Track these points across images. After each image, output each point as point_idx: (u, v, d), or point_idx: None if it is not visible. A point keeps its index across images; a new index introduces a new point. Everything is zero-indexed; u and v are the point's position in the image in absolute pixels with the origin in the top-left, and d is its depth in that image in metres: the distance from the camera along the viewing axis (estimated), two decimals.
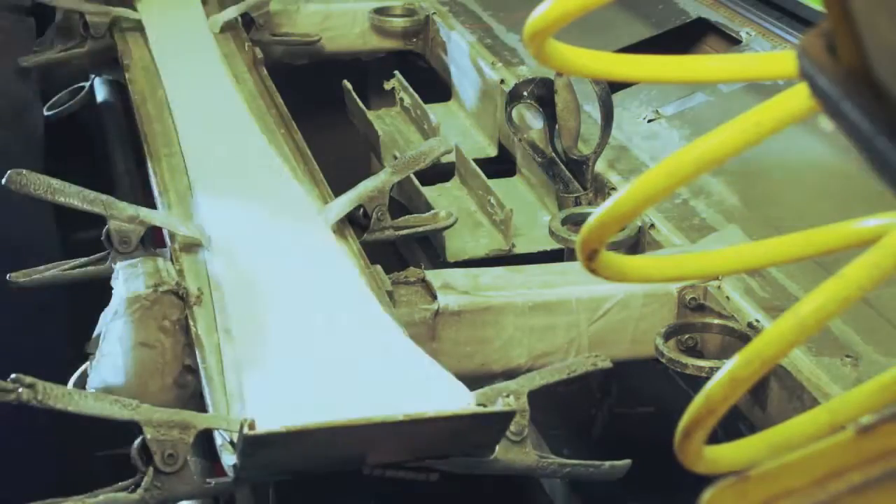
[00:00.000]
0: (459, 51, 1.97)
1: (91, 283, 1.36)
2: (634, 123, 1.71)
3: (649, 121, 1.71)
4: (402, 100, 1.95)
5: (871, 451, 0.55)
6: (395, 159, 1.56)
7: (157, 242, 1.39)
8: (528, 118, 1.63)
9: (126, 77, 1.80)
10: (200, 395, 1.17)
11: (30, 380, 1.02)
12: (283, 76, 1.86)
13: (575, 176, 1.56)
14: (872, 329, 1.23)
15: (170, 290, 1.24)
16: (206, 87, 1.77)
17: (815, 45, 0.49)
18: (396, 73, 1.98)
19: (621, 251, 1.46)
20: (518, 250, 1.58)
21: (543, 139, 1.58)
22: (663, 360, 1.26)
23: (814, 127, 1.52)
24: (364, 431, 1.02)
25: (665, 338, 1.28)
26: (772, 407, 1.19)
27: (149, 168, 1.55)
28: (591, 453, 1.16)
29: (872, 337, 1.22)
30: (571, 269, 1.40)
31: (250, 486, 1.30)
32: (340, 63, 2.12)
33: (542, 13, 0.56)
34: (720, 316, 1.30)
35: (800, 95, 0.54)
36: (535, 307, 1.32)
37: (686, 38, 1.93)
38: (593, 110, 1.64)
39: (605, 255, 0.59)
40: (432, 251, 1.65)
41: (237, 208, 1.44)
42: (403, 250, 1.84)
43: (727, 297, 1.30)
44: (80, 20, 1.94)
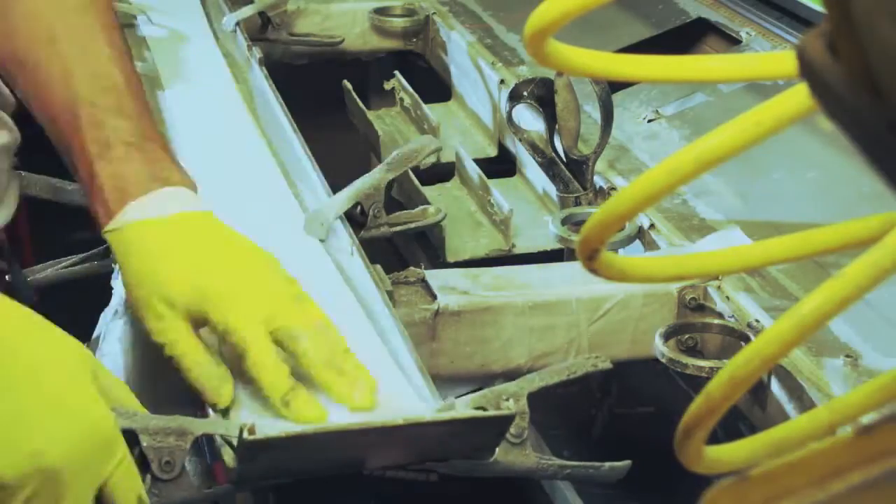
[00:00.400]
0: (459, 51, 1.97)
1: (91, 284, 1.36)
2: (634, 123, 1.71)
3: (649, 121, 1.71)
4: (402, 100, 1.95)
5: (871, 451, 0.55)
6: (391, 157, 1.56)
7: None
8: (528, 118, 1.63)
9: None
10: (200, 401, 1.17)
11: None
12: (283, 76, 1.86)
13: (575, 176, 1.56)
14: (872, 329, 1.23)
15: None
16: (206, 88, 1.77)
17: (815, 45, 0.49)
18: (396, 73, 1.98)
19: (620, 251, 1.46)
20: (518, 250, 1.57)
21: (543, 139, 1.58)
22: (663, 360, 1.26)
23: (814, 127, 1.52)
24: (363, 435, 1.02)
25: (665, 338, 1.28)
26: (772, 407, 1.19)
27: None
28: (591, 454, 1.16)
29: (872, 337, 1.22)
30: (571, 269, 1.40)
31: (250, 489, 1.30)
32: (340, 63, 2.12)
33: (542, 13, 0.56)
34: (720, 316, 1.30)
35: (800, 95, 0.54)
36: (535, 307, 1.32)
37: (686, 38, 1.93)
38: (593, 110, 1.64)
39: (606, 255, 0.59)
40: (432, 251, 1.65)
41: (232, 212, 1.44)
42: (403, 250, 1.84)
43: (727, 297, 1.30)
44: None
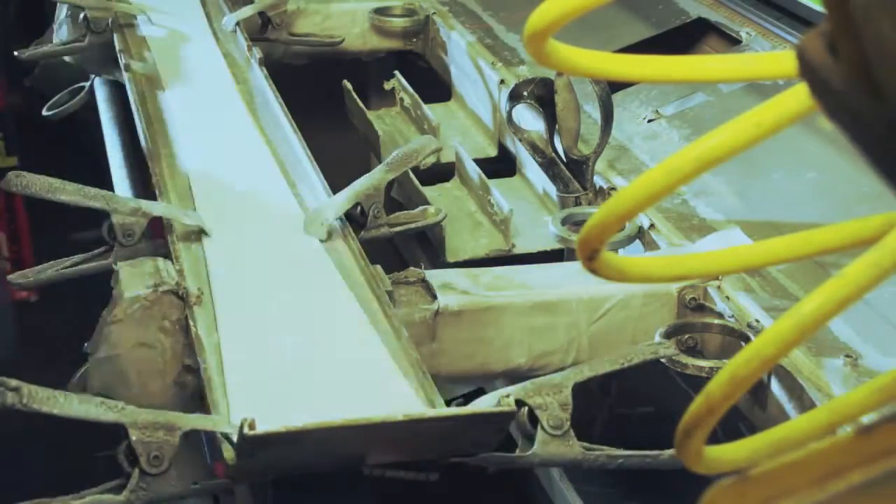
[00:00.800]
0: (459, 51, 1.97)
1: (91, 283, 1.36)
2: (634, 123, 1.71)
3: (649, 121, 1.71)
4: (402, 100, 1.95)
5: (871, 451, 0.55)
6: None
7: (154, 235, 1.40)
8: (528, 118, 1.63)
9: (126, 77, 1.80)
10: (200, 396, 1.17)
11: (15, 383, 1.02)
12: (283, 76, 1.86)
13: (575, 176, 1.56)
14: (872, 329, 1.23)
15: (170, 290, 1.24)
16: (206, 88, 1.77)
17: (815, 45, 0.49)
18: (396, 73, 1.98)
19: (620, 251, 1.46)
20: (518, 250, 1.57)
21: (543, 139, 1.58)
22: (663, 360, 1.26)
23: (814, 127, 1.52)
24: (363, 431, 1.02)
25: (665, 338, 1.28)
26: (772, 407, 1.19)
27: (149, 168, 1.55)
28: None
29: (872, 337, 1.22)
30: (571, 269, 1.40)
31: (249, 484, 1.30)
32: (340, 63, 2.12)
33: (541, 13, 0.56)
34: (720, 316, 1.30)
35: (800, 95, 0.54)
36: (535, 307, 1.32)
37: (686, 38, 1.93)
38: (593, 110, 1.64)
39: (606, 255, 0.59)
40: (432, 251, 1.65)
41: (232, 211, 1.44)
42: (403, 250, 1.84)
43: (727, 297, 1.30)
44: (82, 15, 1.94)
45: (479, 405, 1.09)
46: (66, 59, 2.00)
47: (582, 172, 1.56)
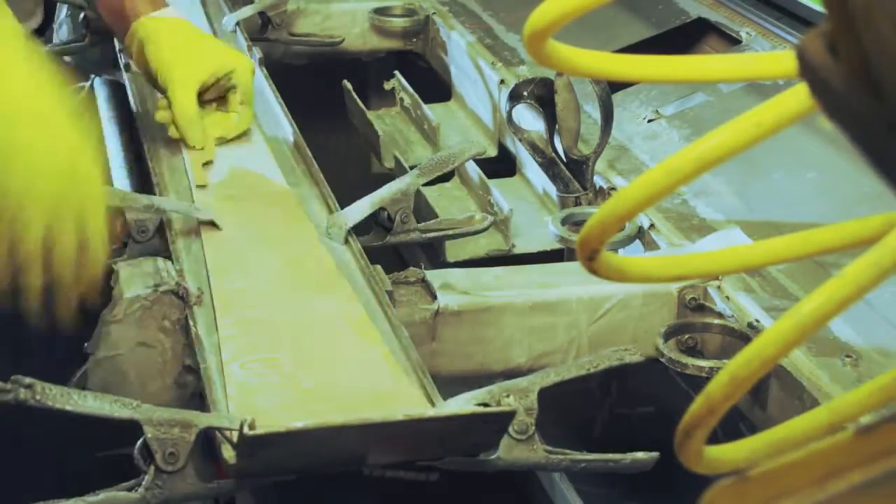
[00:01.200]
0: (459, 51, 1.97)
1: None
2: (634, 123, 1.71)
3: (649, 121, 1.71)
4: (402, 100, 1.95)
5: (871, 451, 0.55)
6: (426, 162, 1.53)
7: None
8: (528, 118, 1.63)
9: (126, 77, 1.80)
10: (200, 395, 1.17)
11: (28, 380, 1.01)
12: (283, 76, 1.86)
13: (575, 176, 1.56)
14: (872, 329, 1.23)
15: (170, 290, 1.24)
16: None
17: (815, 45, 0.49)
18: (396, 73, 1.98)
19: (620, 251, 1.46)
20: (518, 250, 1.57)
21: (543, 139, 1.58)
22: (663, 360, 1.26)
23: (814, 127, 1.52)
24: (363, 431, 1.02)
25: (665, 338, 1.28)
26: (772, 407, 1.19)
27: (149, 168, 1.55)
28: (592, 453, 1.16)
29: (872, 337, 1.22)
30: (571, 269, 1.40)
31: (251, 487, 1.30)
32: (340, 63, 2.12)
33: (541, 13, 0.56)
34: (720, 316, 1.30)
35: (800, 95, 0.54)
36: (535, 307, 1.32)
37: (686, 38, 1.93)
38: (593, 110, 1.64)
39: (606, 255, 0.59)
40: (432, 251, 1.65)
41: (231, 211, 1.44)
42: (403, 250, 1.84)
43: (727, 297, 1.30)
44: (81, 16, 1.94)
45: (448, 407, 1.08)
46: (66, 59, 2.00)
47: (582, 172, 1.56)
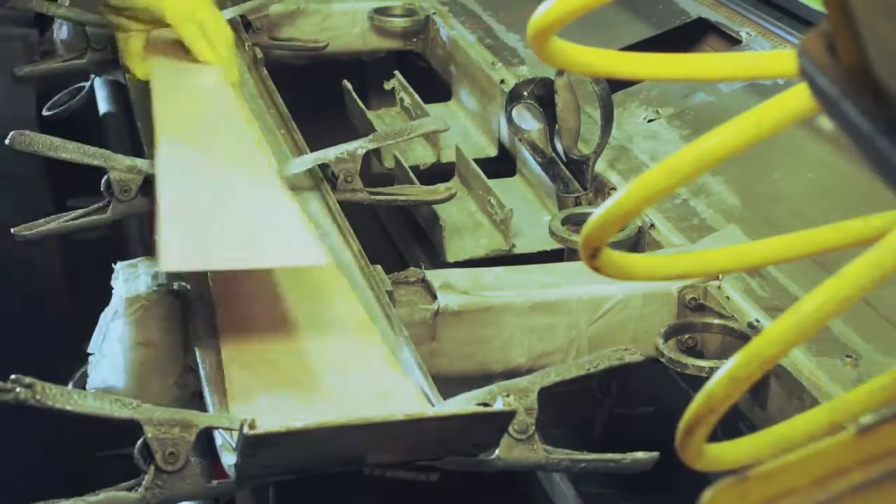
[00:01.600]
0: (459, 51, 1.97)
1: (91, 283, 1.36)
2: (634, 123, 1.71)
3: (649, 121, 1.71)
4: (402, 100, 1.95)
5: (871, 451, 0.55)
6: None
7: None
8: (528, 118, 1.63)
9: (126, 77, 1.79)
10: (200, 396, 1.17)
11: (28, 380, 1.01)
12: (283, 76, 1.86)
13: (575, 176, 1.56)
14: (872, 329, 1.23)
15: (170, 290, 1.24)
16: (206, 88, 1.77)
17: (815, 44, 0.49)
18: (396, 73, 1.98)
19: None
20: (518, 250, 1.58)
21: (543, 139, 1.58)
22: (663, 360, 1.26)
23: (814, 127, 1.52)
24: (364, 431, 1.02)
25: (665, 338, 1.28)
26: (772, 406, 1.19)
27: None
28: (592, 453, 1.16)
29: (872, 337, 1.22)
30: (571, 269, 1.40)
31: (251, 486, 1.30)
32: (340, 63, 2.12)
33: (546, 11, 0.56)
34: (720, 316, 1.30)
35: (800, 95, 0.54)
36: (535, 307, 1.33)
37: (686, 38, 1.93)
38: (593, 110, 1.64)
39: (607, 253, 0.59)
40: (432, 251, 1.65)
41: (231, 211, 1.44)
42: (403, 250, 1.85)
43: (727, 297, 1.30)
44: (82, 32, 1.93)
45: (448, 407, 1.08)
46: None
47: (582, 172, 1.56)
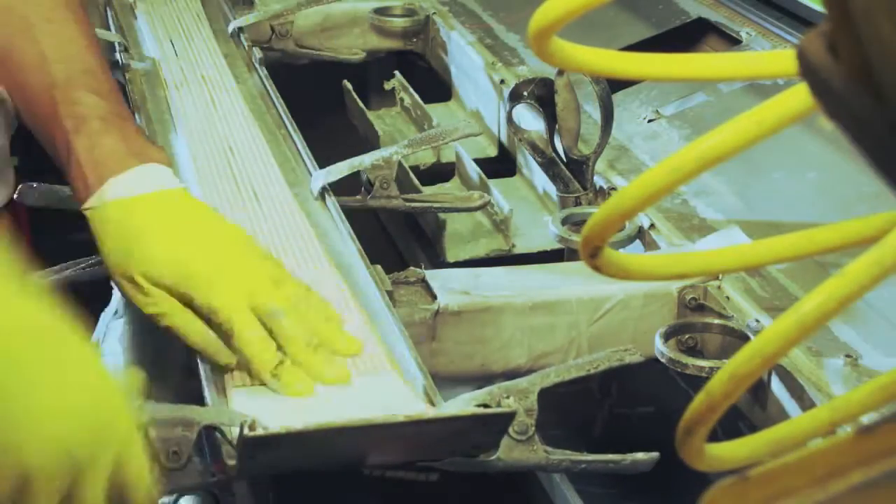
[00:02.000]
0: (459, 51, 1.97)
1: (91, 284, 1.36)
2: (634, 123, 1.71)
3: (649, 121, 1.71)
4: (402, 100, 1.95)
5: (871, 451, 0.55)
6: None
7: None
8: (528, 118, 1.63)
9: (126, 77, 1.79)
10: (201, 395, 1.17)
11: None
12: (283, 76, 1.86)
13: (575, 176, 1.56)
14: (872, 329, 1.23)
15: None
16: (207, 88, 1.77)
17: (815, 44, 0.49)
18: (396, 73, 1.98)
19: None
20: (518, 250, 1.58)
21: (543, 139, 1.58)
22: (663, 360, 1.26)
23: (814, 127, 1.52)
24: (364, 432, 1.02)
25: (665, 338, 1.28)
26: (772, 406, 1.19)
27: None
28: (592, 453, 1.16)
29: (872, 337, 1.22)
30: (571, 269, 1.40)
31: (250, 485, 1.30)
32: (340, 63, 2.12)
33: (546, 11, 0.56)
34: (720, 316, 1.30)
35: (800, 95, 0.54)
36: (535, 307, 1.33)
37: (686, 38, 1.93)
38: (593, 110, 1.64)
39: (608, 253, 0.59)
40: (432, 251, 1.65)
41: (231, 211, 1.44)
42: (403, 250, 1.85)
43: (727, 297, 1.30)
44: None
45: (448, 407, 1.08)
46: None
47: (582, 172, 1.56)
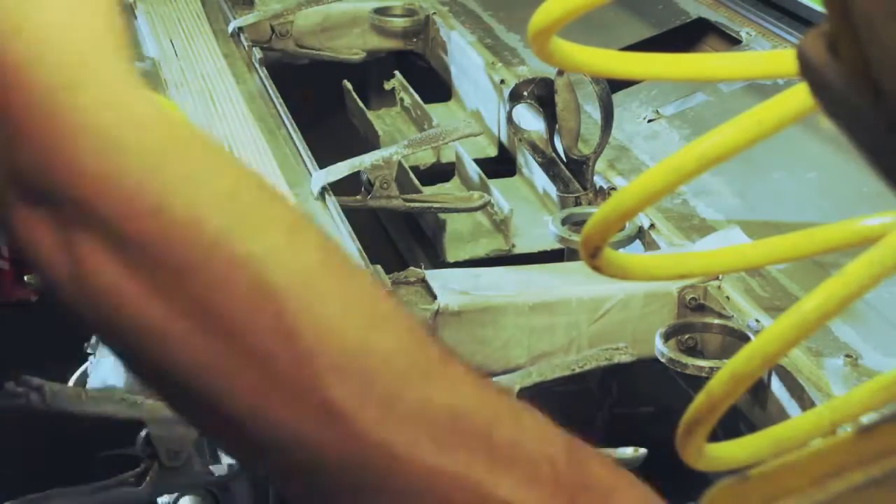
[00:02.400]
0: (459, 51, 1.97)
1: None
2: (634, 123, 1.71)
3: (649, 121, 1.71)
4: (402, 100, 1.95)
5: (871, 450, 0.55)
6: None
7: None
8: (528, 118, 1.63)
9: None
10: None
11: (37, 381, 1.01)
12: (283, 76, 1.86)
13: (575, 176, 1.56)
14: (872, 329, 1.23)
15: None
16: (207, 88, 1.77)
17: (815, 45, 0.49)
18: (396, 73, 1.98)
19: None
20: (518, 250, 1.57)
21: (543, 139, 1.58)
22: (663, 359, 1.26)
23: (814, 127, 1.52)
24: None
25: (665, 338, 1.28)
26: (772, 406, 1.19)
27: None
28: None
29: (872, 337, 1.22)
30: (571, 269, 1.40)
31: (250, 483, 1.30)
32: (340, 63, 2.12)
33: (546, 10, 0.56)
34: (720, 316, 1.30)
35: (800, 95, 0.54)
36: (535, 307, 1.32)
37: (686, 38, 1.93)
38: (593, 110, 1.64)
39: (608, 253, 0.59)
40: (432, 251, 1.65)
41: None
42: (403, 250, 1.84)
43: (727, 297, 1.30)
44: None
45: None
46: None
47: (582, 172, 1.56)
